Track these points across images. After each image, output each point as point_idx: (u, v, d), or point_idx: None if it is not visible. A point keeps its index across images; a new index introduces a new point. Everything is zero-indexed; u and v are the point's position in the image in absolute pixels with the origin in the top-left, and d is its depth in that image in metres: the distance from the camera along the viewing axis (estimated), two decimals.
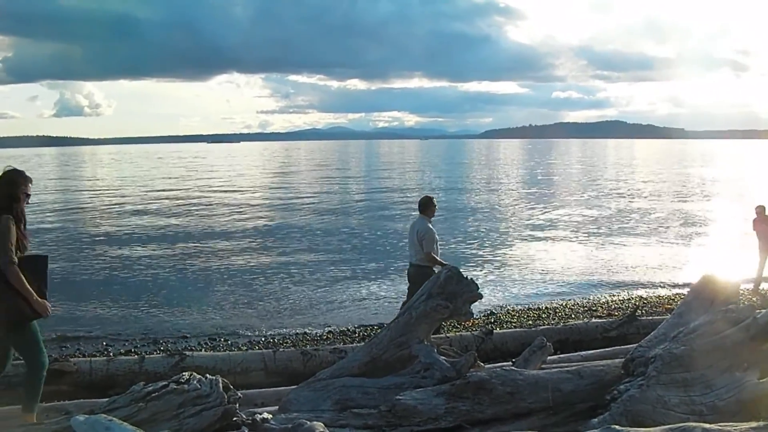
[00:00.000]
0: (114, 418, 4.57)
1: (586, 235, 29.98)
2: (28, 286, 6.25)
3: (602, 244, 27.32)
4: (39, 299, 6.32)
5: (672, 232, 30.90)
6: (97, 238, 29.34)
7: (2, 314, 6.27)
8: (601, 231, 31.16)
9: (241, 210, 41.00)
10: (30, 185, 6.64)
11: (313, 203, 44.70)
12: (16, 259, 6.24)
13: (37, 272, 6.45)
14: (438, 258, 11.45)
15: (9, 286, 6.23)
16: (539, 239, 28.92)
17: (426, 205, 11.75)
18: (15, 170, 6.58)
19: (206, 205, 43.28)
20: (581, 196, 49.96)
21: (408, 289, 11.66)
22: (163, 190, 56.36)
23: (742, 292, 12.88)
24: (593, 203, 44.64)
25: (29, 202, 6.67)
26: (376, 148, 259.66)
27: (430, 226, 11.55)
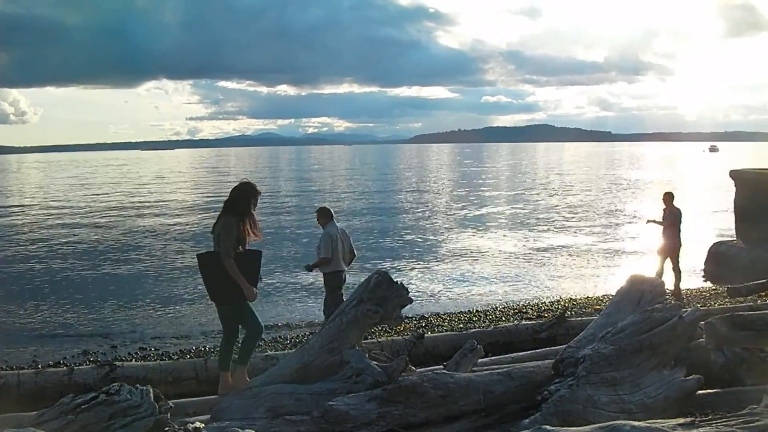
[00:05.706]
0: None
1: (516, 238, 30.26)
2: (240, 275, 7.50)
3: (532, 247, 27.59)
4: (248, 285, 7.58)
5: (600, 234, 31.37)
6: (24, 250, 28.74)
7: (226, 293, 7.61)
8: (530, 234, 31.50)
9: (171, 220, 40.49)
10: (259, 196, 8.02)
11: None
12: (233, 254, 7.48)
13: (252, 264, 7.74)
14: None
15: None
16: (469, 243, 29.04)
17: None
18: (248, 183, 7.97)
19: (138, 216, 42.64)
20: (511, 200, 50.45)
21: (339, 295, 11.77)
22: (97, 197, 55.38)
23: (667, 291, 13.09)
24: (522, 207, 45.10)
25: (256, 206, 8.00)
26: (304, 155, 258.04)
27: None
